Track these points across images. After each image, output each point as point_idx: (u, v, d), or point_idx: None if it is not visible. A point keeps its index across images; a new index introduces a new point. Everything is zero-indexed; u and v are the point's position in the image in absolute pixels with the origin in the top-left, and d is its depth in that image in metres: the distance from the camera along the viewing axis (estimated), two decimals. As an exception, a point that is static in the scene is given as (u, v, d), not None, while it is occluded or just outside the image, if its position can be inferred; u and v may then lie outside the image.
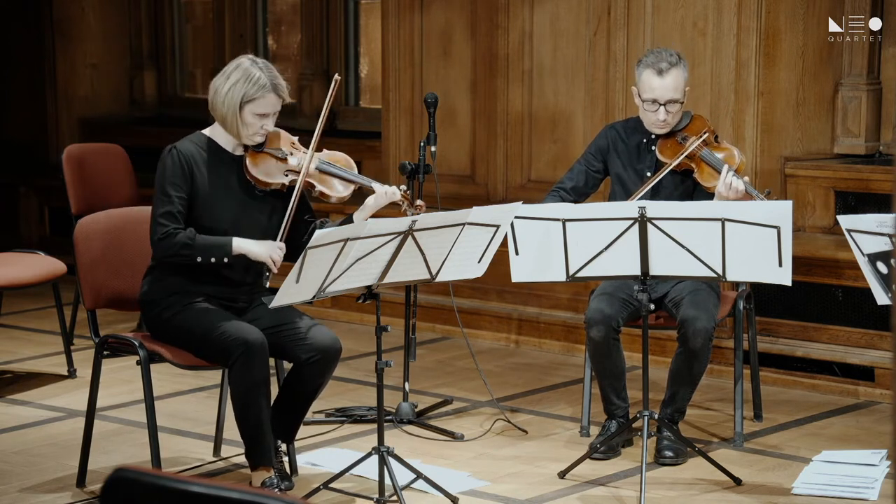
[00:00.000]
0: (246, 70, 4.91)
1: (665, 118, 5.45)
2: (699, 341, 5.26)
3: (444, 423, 5.88)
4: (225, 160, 4.98)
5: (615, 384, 5.44)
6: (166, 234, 4.84)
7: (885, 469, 5.16)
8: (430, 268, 4.78)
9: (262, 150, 4.99)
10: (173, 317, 4.90)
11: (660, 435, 5.35)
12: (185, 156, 4.91)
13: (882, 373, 6.21)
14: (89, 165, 7.22)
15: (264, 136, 4.96)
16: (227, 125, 4.94)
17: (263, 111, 4.90)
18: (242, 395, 4.77)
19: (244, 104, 4.89)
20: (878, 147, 6.89)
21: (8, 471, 5.30)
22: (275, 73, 4.95)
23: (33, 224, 9.71)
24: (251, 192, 4.99)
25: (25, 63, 9.89)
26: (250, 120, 4.90)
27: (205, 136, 5.01)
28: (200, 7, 9.93)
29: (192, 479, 2.15)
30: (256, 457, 4.84)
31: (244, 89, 4.88)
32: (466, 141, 7.64)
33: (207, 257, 4.84)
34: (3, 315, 7.52)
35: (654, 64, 5.42)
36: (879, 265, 4.60)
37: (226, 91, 4.90)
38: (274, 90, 4.90)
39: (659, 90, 5.42)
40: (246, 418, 4.80)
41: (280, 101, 4.94)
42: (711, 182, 5.37)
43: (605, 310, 5.34)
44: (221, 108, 4.92)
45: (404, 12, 7.77)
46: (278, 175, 4.97)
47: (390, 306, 6.91)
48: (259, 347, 4.74)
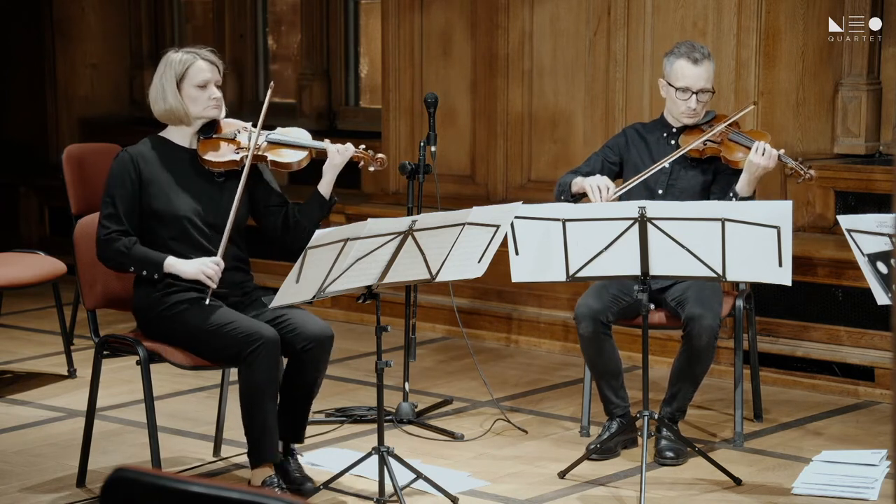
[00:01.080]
0: (166, 58, 5.01)
1: (696, 107, 5.50)
2: (704, 339, 5.25)
3: (444, 423, 5.88)
4: (180, 154, 5.01)
5: (612, 382, 5.43)
6: (107, 237, 4.87)
7: (885, 469, 5.16)
8: (430, 268, 4.78)
9: (212, 136, 5.01)
10: (173, 317, 4.90)
11: (659, 435, 5.35)
12: (132, 155, 4.95)
13: (882, 373, 6.21)
14: (89, 165, 7.22)
15: (217, 106, 4.99)
16: (176, 115, 4.97)
17: (201, 80, 4.95)
18: (253, 391, 4.76)
19: (180, 84, 4.93)
20: (878, 147, 6.89)
21: (8, 471, 5.30)
22: (195, 47, 5.03)
23: (33, 224, 9.70)
24: (211, 179, 5.01)
25: (25, 63, 9.89)
26: (193, 94, 4.94)
27: (158, 136, 5.06)
28: (200, 7, 9.93)
29: (192, 479, 2.15)
30: (259, 455, 4.84)
31: (172, 71, 4.95)
32: (466, 141, 7.65)
33: (140, 269, 4.87)
34: (3, 315, 7.52)
35: (689, 53, 5.50)
36: (879, 265, 4.60)
37: (159, 85, 4.96)
38: (199, 56, 4.97)
39: (692, 78, 5.48)
40: (253, 416, 4.79)
41: (212, 66, 4.99)
42: (740, 155, 5.42)
43: (594, 304, 5.34)
44: (163, 103, 4.96)
45: (404, 12, 7.77)
46: (229, 154, 5.00)
47: (390, 306, 6.91)
48: (274, 344, 4.75)
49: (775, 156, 5.33)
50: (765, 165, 5.33)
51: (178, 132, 5.02)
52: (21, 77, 9.94)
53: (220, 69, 5.02)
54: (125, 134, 9.16)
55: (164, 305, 4.91)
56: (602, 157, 5.66)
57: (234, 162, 4.99)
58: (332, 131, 8.89)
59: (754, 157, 5.32)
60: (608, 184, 5.44)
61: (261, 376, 4.74)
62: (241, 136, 5.04)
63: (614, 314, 5.38)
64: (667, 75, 5.56)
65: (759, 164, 5.31)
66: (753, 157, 5.33)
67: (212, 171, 5.00)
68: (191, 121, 4.97)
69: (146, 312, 4.96)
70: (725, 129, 5.50)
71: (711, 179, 5.55)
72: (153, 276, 4.86)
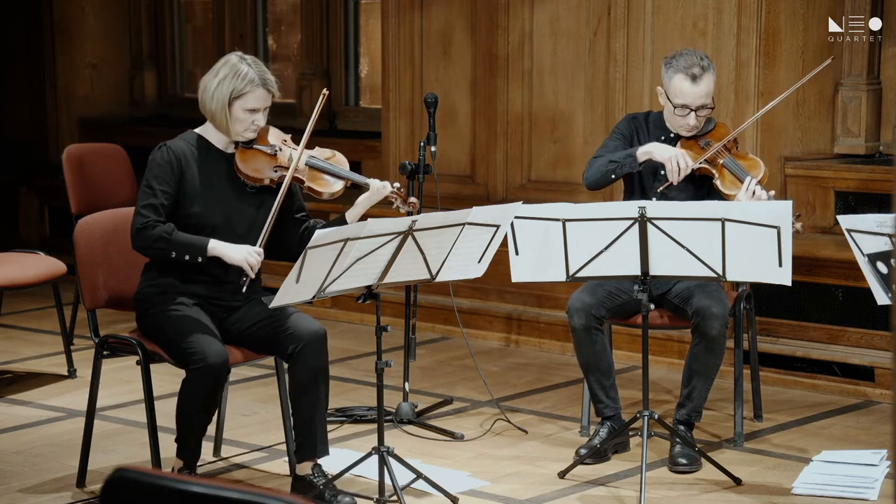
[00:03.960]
0: (234, 66, 4.92)
1: (695, 123, 5.44)
2: (716, 328, 5.23)
3: (444, 423, 5.88)
4: (216, 158, 4.99)
5: (602, 381, 5.38)
6: (145, 224, 4.83)
7: (885, 469, 5.16)
8: (430, 268, 4.78)
9: (251, 146, 4.99)
10: (156, 315, 4.91)
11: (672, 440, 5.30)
12: (176, 153, 4.91)
13: (882, 373, 6.21)
14: (89, 165, 7.22)
15: (255, 131, 4.96)
16: (217, 122, 4.95)
17: (253, 106, 4.91)
18: (184, 400, 4.80)
19: (233, 100, 4.89)
20: (878, 147, 6.89)
21: (8, 471, 5.30)
22: (263, 69, 4.96)
23: (33, 224, 9.71)
24: (242, 189, 4.99)
25: (25, 63, 9.90)
26: (240, 115, 4.90)
27: (196, 134, 5.02)
28: (200, 7, 9.93)
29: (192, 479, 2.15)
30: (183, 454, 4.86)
31: (233, 85, 4.88)
32: (466, 141, 7.65)
33: (182, 254, 4.83)
34: (3, 315, 7.52)
35: (687, 69, 5.37)
36: (879, 265, 4.60)
37: (214, 87, 4.91)
38: (262, 84, 4.91)
39: (691, 96, 5.38)
40: (180, 423, 4.84)
41: (269, 95, 4.94)
42: (733, 190, 5.33)
43: (586, 299, 5.33)
44: (211, 105, 4.93)
45: (404, 12, 7.77)
46: (267, 171, 4.97)
47: (390, 306, 6.91)
48: (214, 370, 4.74)
49: (765, 198, 5.29)
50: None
51: (216, 134, 4.99)
52: (21, 77, 9.94)
53: (275, 97, 4.99)
54: (125, 134, 9.20)
55: (153, 304, 4.92)
56: (619, 143, 5.52)
57: (271, 181, 4.97)
58: (332, 131, 8.90)
59: (743, 197, 5.27)
60: (688, 161, 5.33)
61: (193, 390, 4.77)
62: (281, 153, 5.00)
63: (608, 310, 5.36)
64: (665, 87, 5.46)
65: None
66: (742, 197, 5.28)
67: (245, 182, 4.99)
68: (229, 135, 4.96)
69: (140, 304, 4.99)
70: (722, 150, 5.44)
71: (706, 193, 5.48)
72: (197, 259, 4.83)
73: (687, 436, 5.31)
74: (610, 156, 5.45)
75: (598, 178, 5.46)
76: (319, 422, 4.88)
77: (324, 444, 4.90)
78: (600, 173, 5.44)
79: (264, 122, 4.97)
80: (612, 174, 5.43)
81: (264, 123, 4.97)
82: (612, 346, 5.57)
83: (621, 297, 5.36)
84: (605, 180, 5.45)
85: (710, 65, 5.44)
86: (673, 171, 5.32)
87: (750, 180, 5.28)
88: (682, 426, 5.34)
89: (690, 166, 5.32)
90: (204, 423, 4.86)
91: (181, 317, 4.85)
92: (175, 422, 4.86)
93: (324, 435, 4.90)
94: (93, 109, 9.90)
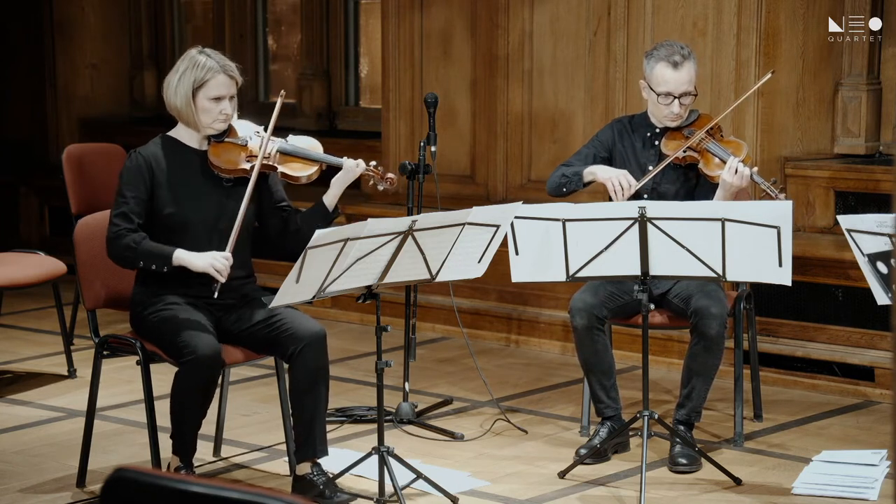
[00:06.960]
0: (193, 58, 4.95)
1: (679, 111, 5.46)
2: (714, 327, 5.23)
3: (444, 423, 5.88)
4: (189, 156, 5.00)
5: (603, 381, 5.40)
6: (116, 234, 4.86)
7: (885, 469, 5.16)
8: (430, 268, 4.78)
9: (223, 140, 5.00)
10: (149, 315, 4.92)
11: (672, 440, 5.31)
12: (145, 157, 4.94)
13: (882, 373, 6.21)
14: (89, 165, 7.22)
15: (225, 122, 4.96)
16: (185, 118, 4.96)
17: (216, 94, 4.92)
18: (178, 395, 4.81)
19: (196, 90, 4.91)
20: (878, 147, 6.89)
21: (8, 471, 5.30)
22: (223, 57, 4.98)
23: (33, 224, 9.71)
24: (219, 183, 5.00)
25: (25, 63, 9.90)
26: (206, 105, 4.92)
27: (167, 136, 5.05)
28: (200, 7, 9.93)
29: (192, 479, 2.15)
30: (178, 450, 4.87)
31: (193, 75, 4.91)
32: (466, 141, 7.65)
33: (148, 263, 4.85)
34: (3, 315, 7.52)
35: (668, 57, 5.42)
36: (879, 265, 4.60)
37: (177, 82, 4.94)
38: (223, 70, 4.93)
39: (674, 83, 5.43)
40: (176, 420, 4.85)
41: (232, 82, 4.95)
42: (716, 171, 5.37)
43: (588, 299, 5.34)
44: (175, 101, 4.94)
45: (404, 12, 7.77)
46: (240, 161, 4.98)
47: (390, 306, 6.91)
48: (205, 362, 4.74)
49: (748, 175, 5.30)
50: (738, 185, 5.31)
51: (187, 132, 5.01)
52: (21, 77, 9.94)
53: (239, 84, 5.00)
54: (125, 134, 9.19)
55: (146, 306, 4.92)
56: (593, 152, 5.60)
57: (244, 170, 4.97)
58: (332, 131, 8.90)
59: (727, 176, 5.29)
60: (630, 181, 5.39)
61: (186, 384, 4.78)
62: (252, 142, 5.01)
63: (610, 310, 5.37)
64: (647, 78, 5.50)
65: (732, 183, 5.29)
66: (726, 175, 5.30)
67: (220, 175, 4.99)
68: (199, 129, 4.96)
69: (134, 307, 4.99)
70: (705, 136, 5.46)
71: (695, 184, 5.51)
72: (163, 269, 4.84)
73: (687, 436, 5.31)
74: (566, 169, 5.56)
75: (553, 188, 5.60)
76: (319, 422, 4.88)
77: (323, 444, 4.90)
78: (556, 184, 5.58)
79: (232, 111, 4.97)
80: (563, 188, 5.55)
81: (232, 112, 4.97)
82: (612, 346, 5.57)
83: (623, 298, 5.37)
84: (558, 192, 5.58)
85: (691, 53, 5.50)
86: (616, 191, 5.35)
87: (732, 160, 5.31)
88: (682, 426, 5.35)
89: (634, 186, 5.36)
90: (197, 417, 4.86)
91: (173, 315, 4.86)
92: (169, 417, 4.87)
93: (323, 435, 4.90)
94: (93, 109, 9.90)
